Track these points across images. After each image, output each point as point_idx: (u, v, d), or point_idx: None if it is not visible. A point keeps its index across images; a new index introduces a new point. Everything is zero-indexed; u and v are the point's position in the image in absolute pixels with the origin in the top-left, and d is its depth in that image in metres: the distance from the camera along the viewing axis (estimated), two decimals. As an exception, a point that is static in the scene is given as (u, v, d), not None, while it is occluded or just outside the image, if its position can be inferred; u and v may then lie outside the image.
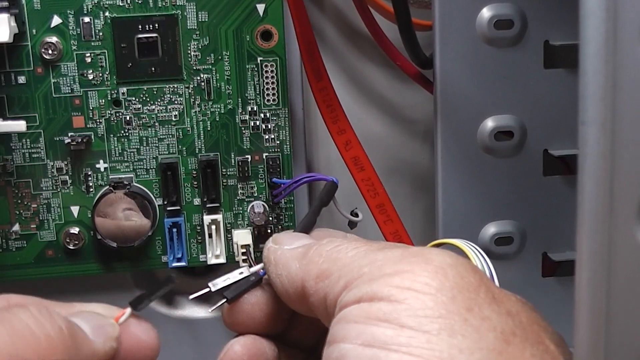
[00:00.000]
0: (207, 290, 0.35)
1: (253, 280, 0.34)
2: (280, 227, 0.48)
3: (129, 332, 0.30)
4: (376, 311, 0.25)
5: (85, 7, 0.45)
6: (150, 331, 0.31)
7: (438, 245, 0.34)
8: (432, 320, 0.24)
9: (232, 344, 0.33)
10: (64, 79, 0.46)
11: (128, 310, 0.31)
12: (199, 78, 0.46)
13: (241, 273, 0.34)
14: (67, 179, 0.47)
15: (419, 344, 0.24)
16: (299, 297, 0.29)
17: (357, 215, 0.45)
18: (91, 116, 0.46)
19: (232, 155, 0.47)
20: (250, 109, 0.47)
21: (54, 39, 0.45)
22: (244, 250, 0.47)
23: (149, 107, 0.47)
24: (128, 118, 0.47)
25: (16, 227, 0.47)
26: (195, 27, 0.46)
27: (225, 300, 0.34)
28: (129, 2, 0.45)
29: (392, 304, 0.25)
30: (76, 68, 0.46)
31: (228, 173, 0.48)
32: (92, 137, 0.47)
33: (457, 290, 0.25)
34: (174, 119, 0.47)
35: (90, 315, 0.30)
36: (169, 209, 0.47)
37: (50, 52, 0.45)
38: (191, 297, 0.35)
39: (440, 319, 0.24)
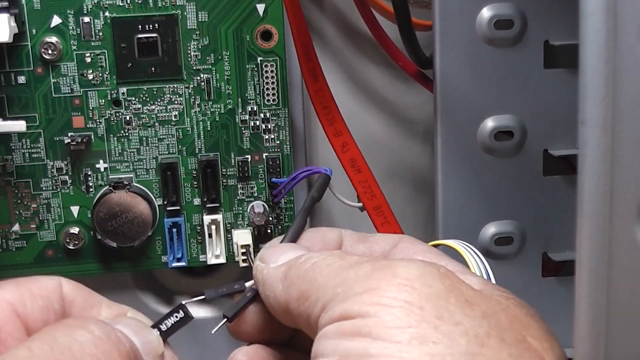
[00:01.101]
0: (201, 297, 0.35)
1: (250, 295, 0.33)
2: (280, 227, 0.48)
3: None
4: (349, 327, 0.25)
5: (85, 7, 0.45)
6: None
7: (436, 246, 0.34)
8: (403, 331, 0.24)
9: (235, 354, 0.33)
10: (64, 79, 0.46)
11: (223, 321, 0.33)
12: (199, 78, 0.46)
13: (237, 287, 0.34)
14: (67, 179, 0.47)
15: (390, 353, 0.24)
16: (287, 316, 0.30)
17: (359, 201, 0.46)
18: (91, 116, 0.46)
19: (232, 155, 0.47)
20: (250, 109, 0.47)
21: (53, 39, 0.45)
22: (244, 250, 0.47)
23: (149, 107, 0.47)
24: (128, 118, 0.47)
25: (16, 227, 0.47)
26: (195, 27, 0.46)
27: (225, 319, 0.34)
28: (129, 2, 0.45)
29: (364, 320, 0.25)
30: (76, 68, 0.46)
31: (228, 173, 0.48)
32: (92, 137, 0.47)
33: (425, 300, 0.25)
34: (174, 119, 0.47)
35: (137, 326, 0.30)
36: (169, 209, 0.47)
37: (50, 52, 0.45)
38: (184, 302, 0.35)
39: (411, 329, 0.24)
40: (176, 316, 0.32)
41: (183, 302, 0.33)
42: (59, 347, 0.26)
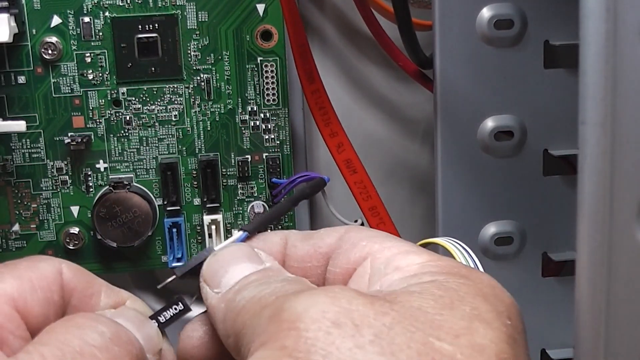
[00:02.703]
0: (173, 277, 0.33)
1: (204, 256, 0.32)
2: (280, 227, 0.48)
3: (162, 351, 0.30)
4: None
5: (85, 7, 0.45)
6: (174, 354, 0.31)
7: (425, 245, 0.33)
8: None
9: None
10: (64, 79, 0.46)
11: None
12: (199, 78, 0.46)
13: (206, 254, 0.33)
14: (67, 179, 0.47)
15: None
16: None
17: (356, 222, 0.45)
18: (91, 116, 0.46)
19: (232, 155, 0.47)
20: (250, 109, 0.47)
21: (53, 39, 0.45)
22: (244, 250, 0.47)
23: (149, 107, 0.47)
24: (128, 118, 0.47)
25: (16, 227, 0.47)
26: (195, 27, 0.46)
27: (174, 276, 0.32)
28: (129, 2, 0.45)
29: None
30: (76, 68, 0.46)
31: (228, 173, 0.48)
32: (92, 137, 0.47)
33: (307, 344, 0.23)
34: (174, 119, 0.47)
35: (138, 320, 0.29)
36: (169, 209, 0.47)
37: (50, 52, 0.45)
38: (159, 286, 0.34)
39: None
40: (175, 308, 0.31)
41: (181, 295, 0.32)
42: (71, 352, 0.25)
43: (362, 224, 0.45)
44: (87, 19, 0.45)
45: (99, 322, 0.27)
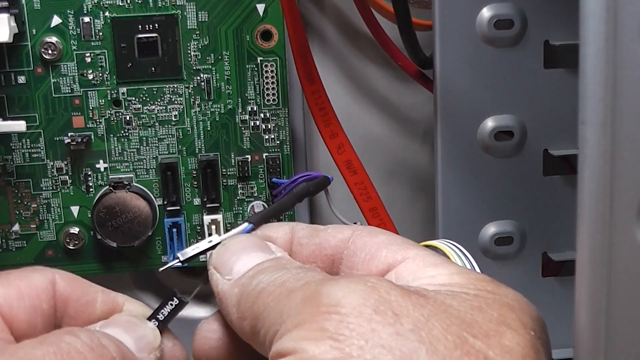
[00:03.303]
0: (177, 260, 0.33)
1: (210, 245, 0.32)
2: (280, 227, 0.48)
3: (165, 346, 0.30)
4: None
5: (85, 7, 0.45)
6: (182, 347, 0.31)
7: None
8: None
9: None
10: (64, 79, 0.46)
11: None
12: (199, 78, 0.46)
13: (210, 242, 0.33)
14: (67, 179, 0.47)
15: None
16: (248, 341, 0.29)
17: (355, 224, 0.45)
18: (91, 116, 0.46)
19: (232, 155, 0.47)
20: (250, 109, 0.47)
21: (53, 39, 0.45)
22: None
23: (149, 107, 0.47)
24: (128, 118, 0.47)
25: (16, 227, 0.47)
26: (195, 27, 0.46)
27: (178, 260, 0.32)
28: (129, 2, 0.45)
29: (295, 356, 0.24)
30: (76, 68, 0.46)
31: (228, 173, 0.48)
32: (92, 137, 0.47)
33: (349, 329, 0.24)
34: (174, 119, 0.47)
35: (129, 323, 0.29)
36: (169, 209, 0.47)
37: (50, 52, 0.45)
38: (161, 269, 0.34)
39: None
40: (171, 304, 0.31)
41: (176, 290, 0.32)
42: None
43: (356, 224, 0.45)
44: (87, 19, 0.45)
45: (69, 334, 0.27)
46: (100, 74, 0.46)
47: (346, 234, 0.30)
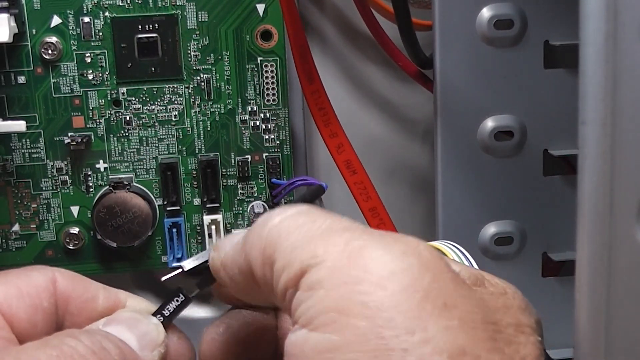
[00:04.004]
0: (179, 271, 0.33)
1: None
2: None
3: (171, 341, 0.30)
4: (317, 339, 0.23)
5: (85, 7, 0.45)
6: (188, 341, 0.31)
7: None
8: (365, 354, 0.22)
9: None
10: (64, 79, 0.46)
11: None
12: (199, 78, 0.46)
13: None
14: (67, 179, 0.47)
15: None
16: (257, 293, 0.26)
17: None
18: (91, 116, 0.46)
19: (232, 155, 0.47)
20: (250, 109, 0.47)
21: (53, 39, 0.45)
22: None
23: (149, 107, 0.47)
24: (128, 118, 0.47)
25: (16, 227, 0.47)
26: (195, 27, 0.46)
27: (181, 270, 0.32)
28: (129, 2, 0.45)
29: (323, 334, 0.22)
30: (76, 68, 0.46)
31: (228, 173, 0.48)
32: (92, 137, 0.47)
33: (392, 311, 0.22)
34: (173, 119, 0.47)
35: (132, 320, 0.29)
36: (169, 209, 0.47)
37: (50, 52, 0.45)
38: (163, 278, 0.34)
39: (376, 352, 0.22)
40: (176, 300, 0.31)
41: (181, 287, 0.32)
42: None
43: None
44: (87, 19, 0.45)
45: (70, 336, 0.27)
46: (100, 74, 0.46)
47: None
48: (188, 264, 0.32)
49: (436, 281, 0.23)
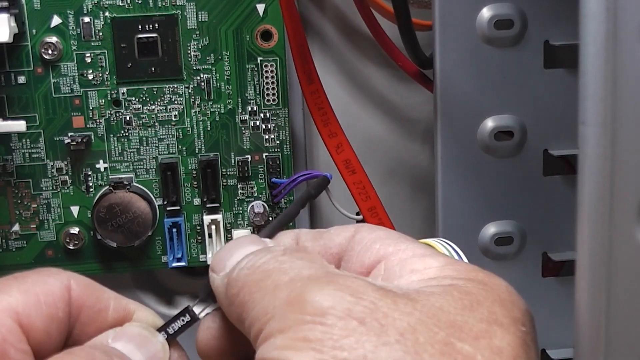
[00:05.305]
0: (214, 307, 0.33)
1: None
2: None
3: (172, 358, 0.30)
4: None
5: (85, 7, 0.45)
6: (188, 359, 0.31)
7: None
8: None
9: None
10: (64, 79, 0.46)
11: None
12: (199, 78, 0.46)
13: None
14: (67, 179, 0.47)
15: None
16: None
17: (358, 214, 0.45)
18: (91, 116, 0.46)
19: (232, 155, 0.47)
20: (250, 109, 0.47)
21: (54, 39, 0.45)
22: (244, 250, 0.47)
23: (149, 107, 0.47)
24: (128, 118, 0.47)
25: (16, 227, 0.47)
26: (195, 27, 0.46)
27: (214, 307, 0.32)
28: (129, 2, 0.45)
29: None
30: (76, 68, 0.46)
31: (228, 173, 0.48)
32: (92, 137, 0.47)
33: (333, 340, 0.24)
34: (174, 119, 0.47)
35: (141, 339, 0.29)
36: (169, 209, 0.47)
37: (50, 52, 0.45)
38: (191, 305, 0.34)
39: None
40: (183, 320, 0.31)
41: (190, 305, 0.32)
42: None
43: (363, 219, 0.46)
44: (87, 19, 0.45)
45: (94, 357, 0.27)
46: (100, 74, 0.46)
47: (349, 232, 0.30)
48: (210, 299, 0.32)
49: (369, 306, 0.25)
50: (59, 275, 0.30)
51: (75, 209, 0.47)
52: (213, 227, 0.47)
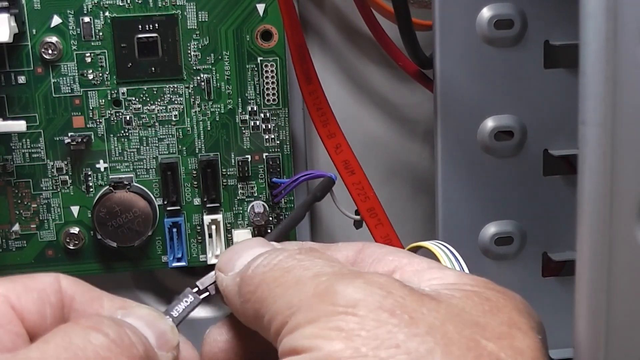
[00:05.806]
0: (206, 294, 0.33)
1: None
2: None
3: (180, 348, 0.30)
4: None
5: (85, 7, 0.45)
6: (194, 348, 0.31)
7: (414, 249, 0.33)
8: None
9: None
10: (64, 79, 0.46)
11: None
12: (199, 78, 0.46)
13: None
14: (67, 179, 0.47)
15: None
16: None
17: (358, 214, 0.45)
18: (91, 116, 0.46)
19: (232, 155, 0.47)
20: (250, 109, 0.47)
21: (54, 39, 0.45)
22: (244, 250, 0.47)
23: (149, 107, 0.47)
24: (128, 118, 0.47)
25: (16, 227, 0.47)
26: (195, 27, 0.46)
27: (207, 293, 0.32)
28: (129, 2, 0.45)
29: (311, 354, 0.25)
30: (76, 68, 0.46)
31: (228, 173, 0.48)
32: (92, 137, 0.47)
33: (366, 330, 0.25)
34: (174, 119, 0.47)
35: (150, 317, 0.29)
36: (169, 209, 0.47)
37: (50, 52, 0.45)
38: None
39: (351, 359, 0.24)
40: (186, 301, 0.31)
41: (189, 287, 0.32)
42: (73, 349, 0.26)
43: (362, 218, 0.46)
44: (87, 19, 0.45)
45: (104, 323, 0.27)
46: (100, 74, 0.46)
47: (357, 247, 0.31)
48: (202, 283, 0.32)
49: (398, 301, 0.25)
50: (48, 274, 0.30)
51: (75, 209, 0.47)
52: (213, 227, 0.47)
